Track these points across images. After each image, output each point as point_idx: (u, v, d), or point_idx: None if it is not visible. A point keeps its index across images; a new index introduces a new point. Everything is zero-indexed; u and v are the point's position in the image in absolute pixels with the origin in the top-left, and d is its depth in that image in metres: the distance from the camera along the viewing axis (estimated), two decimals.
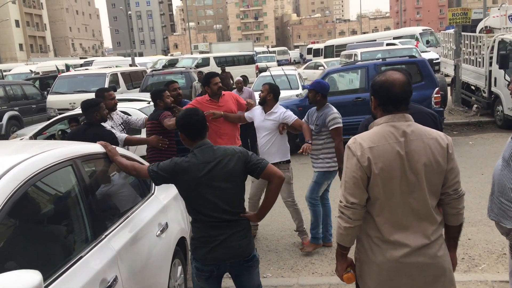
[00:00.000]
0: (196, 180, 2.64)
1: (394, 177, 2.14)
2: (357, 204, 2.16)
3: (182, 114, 2.80)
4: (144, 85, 14.38)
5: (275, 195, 2.80)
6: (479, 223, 5.29)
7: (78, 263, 2.22)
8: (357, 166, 2.15)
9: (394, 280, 2.19)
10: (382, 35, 32.34)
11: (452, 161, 2.23)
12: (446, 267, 2.23)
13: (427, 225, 2.19)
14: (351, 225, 2.18)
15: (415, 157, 2.15)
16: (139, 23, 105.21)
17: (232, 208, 2.71)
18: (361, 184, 2.15)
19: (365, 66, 9.74)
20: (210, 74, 5.40)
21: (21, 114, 13.93)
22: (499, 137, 9.89)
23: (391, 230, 2.17)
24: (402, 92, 2.21)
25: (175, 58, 31.62)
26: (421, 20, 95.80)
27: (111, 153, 3.04)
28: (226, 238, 2.68)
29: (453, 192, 2.25)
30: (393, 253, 2.16)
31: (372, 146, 2.15)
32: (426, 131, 2.23)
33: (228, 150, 2.75)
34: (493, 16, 16.55)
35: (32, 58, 49.24)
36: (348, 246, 2.28)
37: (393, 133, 2.17)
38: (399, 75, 2.25)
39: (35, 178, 2.19)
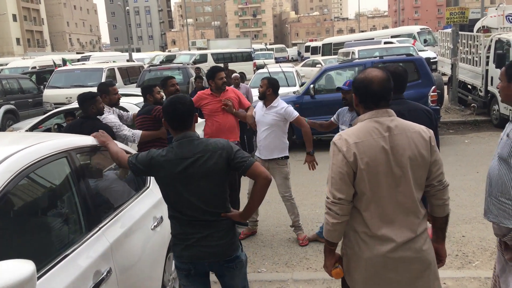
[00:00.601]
0: (172, 176, 2.48)
1: (380, 171, 2.18)
2: (344, 199, 2.19)
3: (167, 100, 2.61)
4: (141, 81, 14.33)
5: (260, 196, 2.57)
6: (473, 220, 5.32)
7: (71, 255, 2.21)
8: (343, 161, 2.18)
9: (381, 275, 2.22)
10: (380, 33, 32.39)
11: (435, 153, 2.28)
12: (430, 260, 2.27)
13: (413, 219, 2.23)
14: (339, 220, 2.21)
15: (400, 151, 2.19)
16: (137, 18, 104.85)
17: (211, 208, 2.54)
18: (347, 180, 2.18)
19: (362, 63, 9.76)
20: (217, 68, 5.40)
21: (17, 108, 13.90)
22: (495, 136, 9.93)
23: (378, 224, 2.20)
24: (381, 89, 2.26)
25: (172, 54, 31.55)
26: (419, 19, 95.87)
27: (102, 139, 2.97)
28: (203, 237, 2.53)
29: (438, 183, 2.29)
30: (380, 248, 2.19)
31: (357, 142, 2.19)
32: (409, 125, 2.28)
33: (210, 145, 2.52)
34: (490, 16, 16.58)
35: (28, 52, 48.98)
36: (336, 241, 2.31)
37: (378, 128, 2.21)
38: (378, 72, 2.30)
39: (28, 169, 2.18)
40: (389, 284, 2.24)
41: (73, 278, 2.14)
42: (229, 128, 5.30)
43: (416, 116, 2.94)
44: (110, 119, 4.56)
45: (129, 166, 2.65)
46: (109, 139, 2.99)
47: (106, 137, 2.99)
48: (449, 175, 4.63)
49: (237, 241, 2.68)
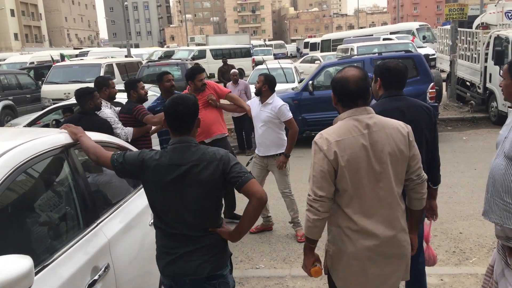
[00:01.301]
0: (162, 183, 2.28)
1: (361, 168, 2.24)
2: (325, 197, 2.24)
3: (170, 99, 2.39)
4: (139, 76, 14.28)
5: (252, 217, 2.29)
6: (470, 217, 5.33)
7: (69, 250, 2.21)
8: (324, 160, 2.23)
9: (365, 269, 2.29)
10: (379, 30, 32.36)
11: (413, 148, 2.35)
12: (407, 254, 2.39)
13: (394, 213, 2.30)
14: (319, 217, 2.26)
15: (380, 148, 2.26)
16: (135, 14, 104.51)
17: (200, 223, 2.33)
18: (328, 178, 2.23)
19: (361, 60, 9.75)
20: (197, 69, 5.24)
21: (15, 104, 13.86)
22: (493, 133, 9.94)
23: (360, 220, 2.26)
24: (356, 88, 2.32)
25: (171, 50, 31.48)
26: (418, 16, 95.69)
27: (74, 131, 2.69)
28: (187, 253, 2.33)
29: (416, 178, 2.37)
30: (364, 242, 2.26)
31: (338, 140, 2.24)
32: (387, 121, 2.35)
33: (208, 154, 2.29)
34: (489, 12, 16.56)
35: (25, 48, 48.76)
36: (316, 238, 2.36)
37: (357, 126, 2.27)
38: (354, 71, 2.36)
39: (26, 165, 2.17)
40: (371, 278, 2.31)
41: (71, 273, 2.14)
42: (214, 123, 5.25)
43: (415, 112, 2.93)
44: (107, 114, 4.53)
45: (113, 165, 2.40)
46: (81, 132, 2.69)
47: (78, 130, 2.71)
48: (446, 172, 4.65)
49: (224, 259, 2.43)
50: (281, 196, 5.19)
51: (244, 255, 4.77)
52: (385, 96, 2.99)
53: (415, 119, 2.90)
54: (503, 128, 2.62)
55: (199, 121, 2.42)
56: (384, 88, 3.02)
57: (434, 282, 3.90)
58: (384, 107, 2.91)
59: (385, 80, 3.00)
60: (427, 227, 3.31)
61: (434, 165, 3.08)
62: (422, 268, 3.20)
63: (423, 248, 3.20)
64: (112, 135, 4.22)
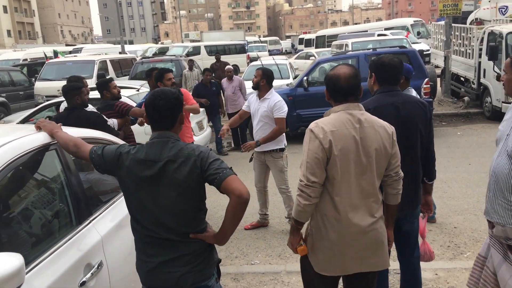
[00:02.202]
0: (136, 180, 2.14)
1: (350, 159, 2.39)
2: (317, 183, 2.37)
3: (151, 93, 2.24)
4: (133, 73, 14.23)
5: (234, 217, 2.10)
6: (465, 211, 5.35)
7: (61, 248, 2.19)
8: (319, 147, 2.36)
9: (344, 254, 2.45)
10: (373, 26, 32.35)
11: (395, 147, 2.51)
12: (384, 241, 2.52)
13: (373, 204, 2.47)
14: (310, 202, 2.39)
15: (368, 142, 2.41)
16: (129, 10, 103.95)
17: (178, 227, 2.15)
18: (321, 165, 2.37)
19: (355, 56, 9.75)
20: (164, 69, 5.27)
21: (9, 101, 13.76)
22: (487, 128, 9.98)
23: (346, 209, 2.40)
24: (347, 85, 2.46)
25: (165, 46, 31.33)
26: (413, 12, 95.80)
27: (49, 127, 2.51)
28: (166, 262, 2.16)
29: (394, 174, 2.53)
30: (346, 231, 2.41)
31: (333, 130, 2.38)
32: (375, 119, 2.49)
33: (186, 150, 2.13)
34: (483, 8, 16.58)
35: (17, 44, 48.33)
36: (304, 221, 2.51)
37: (350, 120, 2.42)
38: (346, 69, 2.51)
39: (17, 162, 2.15)
40: (349, 263, 2.46)
41: (63, 271, 2.12)
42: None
43: (410, 108, 2.93)
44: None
45: (91, 157, 2.27)
46: (55, 127, 2.53)
47: (53, 125, 2.54)
48: (441, 167, 4.66)
49: (209, 268, 2.26)
50: (277, 191, 5.19)
51: (240, 251, 4.76)
52: (380, 92, 2.98)
53: (410, 115, 2.90)
54: (503, 124, 2.56)
55: (183, 117, 2.27)
56: (378, 83, 3.01)
57: (428, 277, 3.91)
58: (379, 103, 2.90)
59: (380, 75, 2.99)
60: (423, 222, 3.31)
61: (429, 160, 3.07)
62: (417, 262, 3.20)
63: (418, 243, 3.20)
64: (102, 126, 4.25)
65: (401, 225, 3.06)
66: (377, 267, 2.54)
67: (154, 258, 2.18)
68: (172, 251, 2.16)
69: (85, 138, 2.63)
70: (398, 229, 3.09)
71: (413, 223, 3.11)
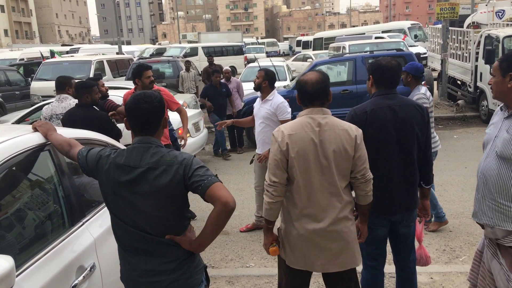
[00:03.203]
0: (115, 185, 2.06)
1: (309, 160, 2.53)
2: (278, 182, 2.54)
3: (132, 96, 2.12)
4: (130, 73, 14.18)
5: (216, 225, 2.00)
6: (461, 215, 5.34)
7: (53, 250, 2.16)
8: (278, 150, 2.55)
9: (307, 250, 2.59)
10: (371, 28, 32.41)
11: (359, 150, 2.58)
12: (349, 241, 2.61)
13: (336, 204, 2.57)
14: (273, 200, 2.57)
15: (327, 145, 2.54)
16: (127, 11, 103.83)
17: (160, 233, 2.07)
18: (281, 166, 2.54)
19: (352, 58, 9.74)
20: (143, 66, 5.01)
21: (4, 101, 13.68)
22: (483, 131, 9.90)
23: (306, 206, 2.56)
24: (313, 90, 2.61)
25: (162, 47, 31.25)
26: (410, 15, 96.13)
27: (42, 129, 2.46)
28: (151, 270, 2.08)
29: (361, 177, 2.61)
30: (307, 226, 2.56)
31: (291, 134, 2.55)
32: (338, 123, 2.60)
33: (168, 157, 2.03)
34: (480, 12, 16.67)
35: (14, 44, 48.11)
36: (272, 220, 2.65)
37: (310, 124, 2.57)
38: (314, 75, 2.66)
39: (9, 162, 2.12)
40: (314, 258, 2.59)
41: (55, 273, 2.09)
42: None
43: (407, 111, 2.91)
44: None
45: (78, 159, 2.22)
46: (50, 128, 2.48)
47: (47, 126, 2.49)
48: (437, 170, 4.65)
49: (198, 275, 2.17)
50: None
51: (235, 253, 4.74)
52: (377, 94, 2.97)
53: (406, 118, 2.89)
54: (490, 127, 2.57)
55: (166, 121, 2.18)
56: (376, 86, 3.00)
57: (424, 281, 3.90)
58: (375, 105, 2.89)
59: (377, 78, 2.98)
60: (419, 227, 3.29)
61: (426, 164, 3.06)
62: (412, 266, 3.19)
63: (414, 247, 3.19)
64: (110, 127, 4.26)
65: (397, 229, 3.05)
66: (345, 266, 2.62)
67: (137, 266, 2.11)
68: (155, 259, 2.09)
69: (79, 139, 2.61)
70: (394, 232, 3.08)
71: (410, 227, 3.10)
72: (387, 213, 2.98)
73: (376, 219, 2.98)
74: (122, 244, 2.16)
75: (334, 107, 9.46)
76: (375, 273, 3.12)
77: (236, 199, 2.21)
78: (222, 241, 5.02)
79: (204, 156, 9.30)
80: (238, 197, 6.08)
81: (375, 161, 2.89)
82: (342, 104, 9.30)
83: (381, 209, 2.95)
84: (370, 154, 2.89)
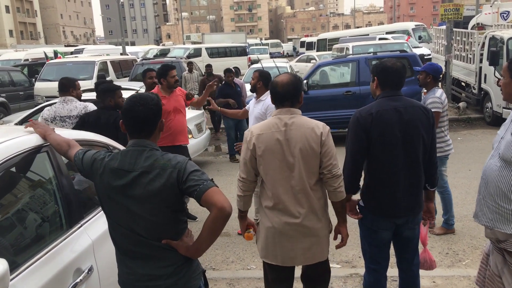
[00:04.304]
0: (109, 188, 2.04)
1: (276, 158, 2.69)
2: (246, 179, 2.76)
3: (128, 98, 2.10)
4: (133, 74, 14.21)
5: (212, 232, 1.97)
6: (464, 218, 5.29)
7: (50, 252, 2.14)
8: (246, 149, 2.74)
9: (278, 242, 2.74)
10: (375, 29, 32.33)
11: (325, 146, 2.68)
12: (320, 236, 2.77)
13: (303, 199, 2.70)
14: (242, 194, 2.80)
15: (293, 143, 2.67)
16: (131, 12, 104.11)
17: (155, 238, 2.04)
18: (248, 164, 2.74)
19: (355, 59, 9.72)
20: (169, 66, 5.26)
21: (8, 101, 13.71)
22: (487, 133, 9.93)
23: (276, 201, 2.71)
24: (282, 91, 2.75)
25: (166, 48, 31.34)
26: (415, 16, 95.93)
27: (40, 130, 2.44)
28: (148, 275, 2.06)
29: (327, 172, 2.69)
30: (276, 220, 2.72)
31: (259, 133, 2.72)
32: (305, 122, 2.73)
33: (161, 161, 2.00)
34: (485, 13, 16.59)
35: (18, 45, 48.29)
36: (244, 210, 2.85)
37: (277, 124, 2.72)
38: (284, 77, 2.81)
39: (6, 164, 2.11)
40: (284, 251, 2.74)
41: (52, 276, 2.07)
42: (181, 132, 5.34)
43: (413, 113, 2.88)
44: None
45: (74, 161, 2.21)
46: (49, 130, 2.46)
47: (46, 128, 2.48)
48: None
49: (196, 280, 2.15)
50: None
51: (236, 255, 4.71)
52: (383, 96, 2.93)
53: (412, 119, 2.85)
54: (501, 128, 2.54)
55: (163, 124, 2.14)
56: (381, 87, 2.96)
57: (426, 285, 3.86)
58: (381, 107, 2.86)
59: (382, 79, 2.94)
60: (424, 230, 3.25)
61: (431, 166, 3.02)
62: (416, 270, 3.15)
63: (418, 250, 3.15)
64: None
65: (401, 231, 3.02)
66: (314, 260, 2.80)
67: (135, 271, 2.08)
68: (152, 263, 2.06)
69: (79, 140, 2.59)
70: (398, 235, 3.05)
71: (414, 230, 3.06)
72: (392, 216, 2.94)
73: (380, 222, 2.95)
74: (119, 248, 2.14)
75: (337, 108, 9.50)
76: (377, 276, 3.09)
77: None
78: (223, 242, 5.00)
79: (207, 157, 9.29)
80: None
81: (380, 163, 2.87)
82: (345, 106, 9.29)
83: (386, 211, 2.92)
84: (375, 156, 2.86)
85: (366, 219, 3.02)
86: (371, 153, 2.88)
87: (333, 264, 4.38)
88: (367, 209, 2.99)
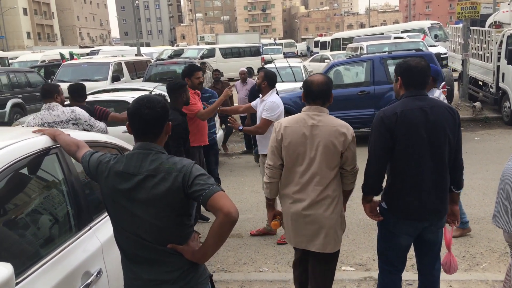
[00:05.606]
0: (114, 192, 2.02)
1: (299, 151, 2.93)
2: (272, 166, 3.02)
3: (134, 100, 2.08)
4: (147, 75, 14.26)
5: (219, 237, 1.93)
6: (481, 220, 5.18)
7: (59, 255, 2.13)
8: (274, 139, 3.00)
9: (296, 227, 3.00)
10: (390, 28, 32.04)
11: (350, 149, 2.92)
12: (327, 224, 2.94)
13: (319, 188, 2.92)
14: (269, 181, 3.06)
15: (317, 139, 2.89)
16: (146, 13, 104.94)
17: (161, 242, 2.00)
18: (276, 152, 3.00)
19: (370, 59, 9.60)
20: (195, 67, 5.39)
21: (25, 102, 13.90)
22: (505, 133, 9.73)
23: (296, 190, 2.96)
24: (317, 90, 2.94)
25: (180, 49, 31.47)
26: (430, 15, 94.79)
27: (51, 133, 2.46)
28: (154, 280, 2.03)
29: (350, 170, 2.99)
30: (294, 207, 2.97)
31: (287, 126, 2.96)
32: (331, 121, 2.93)
33: (167, 164, 1.97)
34: (502, 11, 16.28)
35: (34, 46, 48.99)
36: (271, 197, 3.13)
37: (305, 119, 2.94)
38: (319, 77, 3.01)
39: (15, 165, 2.10)
40: (301, 236, 3.00)
41: (60, 279, 2.05)
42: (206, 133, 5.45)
43: (438, 113, 2.79)
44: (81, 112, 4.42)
45: (82, 162, 2.20)
46: (58, 131, 2.48)
47: (55, 130, 2.50)
48: None
49: (203, 285, 2.11)
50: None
51: (248, 257, 4.67)
52: (407, 96, 2.85)
53: (438, 120, 2.77)
54: None
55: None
56: (405, 87, 2.89)
57: None
58: (406, 106, 2.79)
59: (406, 79, 2.87)
60: (448, 233, 3.16)
61: (457, 168, 2.93)
62: (437, 275, 3.07)
63: (439, 255, 3.07)
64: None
65: (424, 234, 2.94)
66: (320, 249, 2.96)
67: (141, 276, 2.05)
68: (158, 268, 2.02)
69: (89, 141, 2.59)
70: (420, 238, 2.97)
71: (437, 233, 2.97)
72: (416, 219, 2.85)
73: (403, 225, 2.88)
74: (125, 252, 2.11)
75: (351, 108, 9.37)
76: (392, 278, 3.03)
77: (251, 201, 2.21)
78: (236, 244, 4.96)
79: (220, 158, 9.27)
80: (253, 199, 6.01)
81: (404, 164, 2.79)
82: (359, 106, 9.19)
83: (410, 214, 2.84)
84: (400, 157, 2.79)
85: (387, 222, 2.94)
86: (395, 154, 2.80)
87: (346, 267, 4.31)
88: (390, 212, 2.91)
